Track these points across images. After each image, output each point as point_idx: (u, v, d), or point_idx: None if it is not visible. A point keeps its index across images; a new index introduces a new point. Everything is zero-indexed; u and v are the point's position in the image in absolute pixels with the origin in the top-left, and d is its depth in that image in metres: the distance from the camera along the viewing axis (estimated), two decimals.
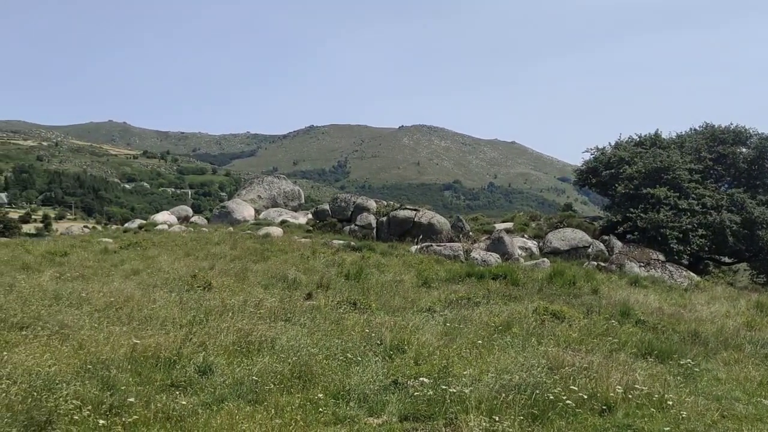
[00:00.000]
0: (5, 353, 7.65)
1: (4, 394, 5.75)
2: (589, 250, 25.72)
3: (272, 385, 7.48)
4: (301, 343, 9.35)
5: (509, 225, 29.99)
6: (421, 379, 8.08)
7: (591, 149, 33.80)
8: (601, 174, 31.43)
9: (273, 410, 6.65)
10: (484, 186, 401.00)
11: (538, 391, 7.62)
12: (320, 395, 7.27)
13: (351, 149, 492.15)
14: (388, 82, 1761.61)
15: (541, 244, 26.71)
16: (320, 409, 6.90)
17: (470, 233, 27.45)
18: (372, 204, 30.61)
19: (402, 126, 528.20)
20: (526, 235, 28.22)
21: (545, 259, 23.72)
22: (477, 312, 13.17)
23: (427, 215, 27.73)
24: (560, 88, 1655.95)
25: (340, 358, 8.95)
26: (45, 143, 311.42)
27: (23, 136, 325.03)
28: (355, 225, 28.85)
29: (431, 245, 24.64)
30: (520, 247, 25.70)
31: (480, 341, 10.28)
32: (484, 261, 22.62)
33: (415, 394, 7.52)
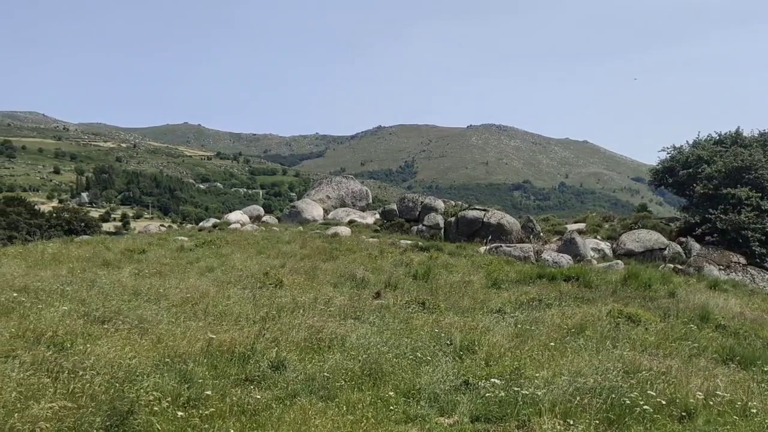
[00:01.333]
0: (88, 345, 7.97)
1: (88, 385, 6.00)
2: (665, 252, 24.87)
3: (343, 382, 7.54)
4: (370, 341, 9.38)
5: (581, 226, 29.30)
6: (492, 380, 7.98)
7: (667, 148, 32.64)
8: (678, 174, 30.32)
9: (344, 407, 6.70)
10: (555, 186, 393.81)
11: (614, 395, 7.42)
12: (391, 393, 7.28)
13: (418, 149, 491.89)
14: (457, 81, 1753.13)
15: (614, 245, 25.99)
16: (391, 407, 6.91)
17: (541, 234, 26.97)
18: (440, 204, 30.49)
19: (470, 125, 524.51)
20: (598, 237, 27.52)
21: (619, 261, 23.07)
22: (549, 314, 12.92)
23: (496, 215, 27.40)
24: (635, 86, 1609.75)
25: (410, 357, 8.94)
26: (124, 145, 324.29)
27: (103, 138, 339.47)
28: (423, 225, 28.78)
29: (500, 246, 24.34)
30: (593, 249, 25.08)
31: (552, 343, 10.09)
32: (556, 262, 22.18)
33: (487, 395, 7.43)
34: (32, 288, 13.23)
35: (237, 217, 39.09)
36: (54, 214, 69.51)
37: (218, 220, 39.53)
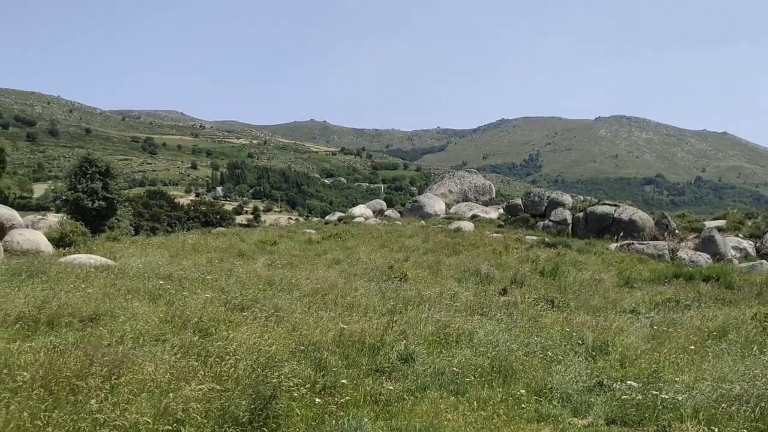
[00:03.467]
0: (230, 332, 8.43)
1: (233, 369, 6.35)
2: None
3: (472, 378, 7.51)
4: (499, 338, 9.28)
5: (721, 223, 27.49)
6: (628, 382, 7.66)
7: None
8: None
9: (475, 402, 6.67)
10: (691, 180, 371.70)
11: (763, 404, 6.90)
12: (522, 391, 7.17)
13: (543, 142, 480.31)
14: (584, 71, 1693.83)
15: (758, 244, 24.21)
16: (522, 405, 6.81)
17: (676, 231, 25.58)
18: (567, 199, 29.63)
19: (599, 117, 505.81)
20: (740, 235, 25.73)
21: (763, 261, 21.43)
22: (687, 316, 12.24)
23: (627, 211, 26.27)
24: None
25: (540, 355, 8.77)
26: (255, 141, 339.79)
27: (236, 135, 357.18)
28: (549, 220, 28.09)
29: (632, 243, 23.30)
30: (734, 248, 23.49)
31: (692, 347, 9.54)
32: (693, 261, 20.96)
33: (623, 397, 7.14)
34: (176, 276, 14.16)
35: (361, 211, 39.94)
36: (192, 207, 74.07)
37: (343, 214, 40.57)
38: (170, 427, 4.97)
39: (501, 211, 34.18)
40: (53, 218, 25.00)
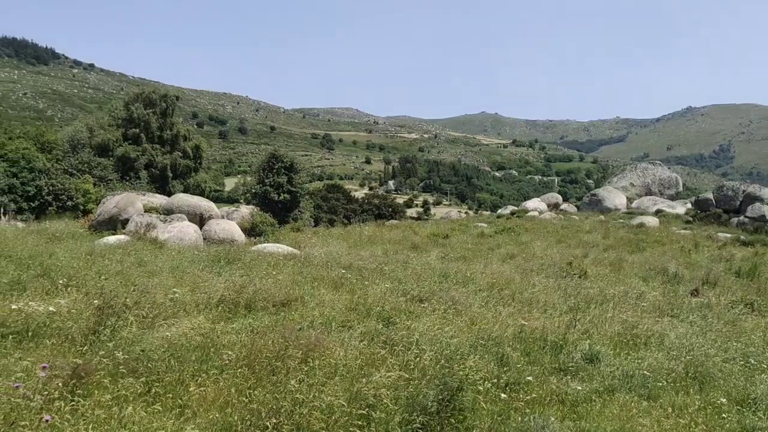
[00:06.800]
0: (410, 322, 8.60)
1: (418, 359, 6.47)
2: None
3: (665, 383, 7.06)
4: (693, 341, 8.64)
5: None
6: None
7: None
8: None
9: (670, 409, 6.27)
10: None
11: None
12: (722, 400, 6.62)
13: (736, 131, 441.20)
14: None
15: None
16: (723, 415, 6.28)
17: None
18: (766, 193, 27.00)
19: None
20: None
21: None
22: None
23: None
24: None
25: (741, 363, 8.06)
26: (426, 136, 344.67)
27: (408, 130, 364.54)
28: (745, 217, 25.77)
29: None
30: None
31: None
32: None
33: None
34: (355, 266, 14.72)
35: (534, 204, 39.15)
36: (365, 200, 76.66)
37: (516, 208, 40.02)
38: (363, 411, 5.16)
39: (688, 206, 31.93)
40: (245, 209, 27.03)
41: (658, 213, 30.74)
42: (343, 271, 13.54)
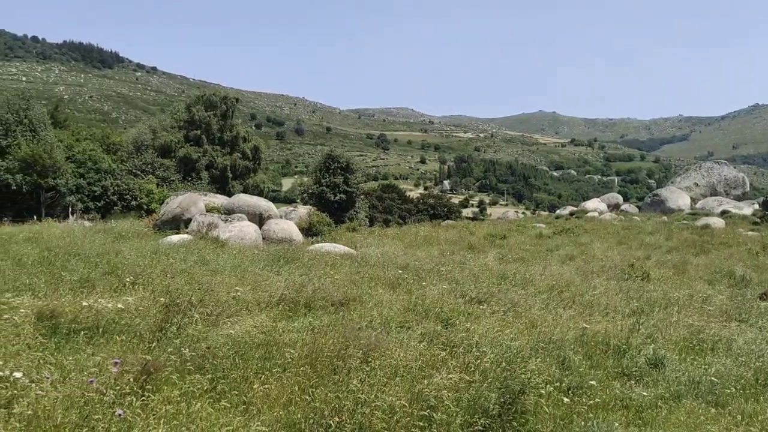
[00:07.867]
0: (469, 323, 8.56)
1: (479, 361, 6.44)
2: None
3: (733, 389, 6.84)
4: (763, 348, 8.34)
5: None
6: None
7: None
8: None
9: (739, 416, 6.07)
10: None
11: None
12: None
13: None
14: None
15: None
16: None
17: None
18: None
19: None
20: None
21: None
22: None
23: None
24: None
25: None
26: (482, 135, 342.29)
27: (464, 129, 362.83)
28: None
29: None
30: None
31: None
32: None
33: None
34: (411, 266, 14.73)
35: (594, 205, 38.42)
36: (421, 200, 76.51)
37: (575, 208, 39.36)
38: (424, 413, 5.18)
39: (756, 206, 30.83)
40: (302, 209, 27.41)
41: (723, 214, 29.77)
42: (400, 271, 13.58)
